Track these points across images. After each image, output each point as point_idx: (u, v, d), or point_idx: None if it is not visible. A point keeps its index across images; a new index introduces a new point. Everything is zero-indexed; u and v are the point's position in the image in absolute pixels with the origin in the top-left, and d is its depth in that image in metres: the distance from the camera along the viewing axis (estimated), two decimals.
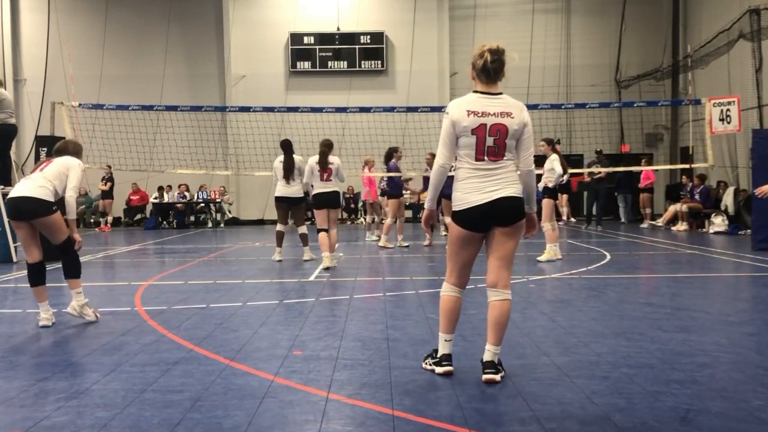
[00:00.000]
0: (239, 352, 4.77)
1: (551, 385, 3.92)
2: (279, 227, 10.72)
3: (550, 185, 10.43)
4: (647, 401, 3.61)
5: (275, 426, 3.33)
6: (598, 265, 9.81)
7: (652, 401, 3.61)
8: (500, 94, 4.04)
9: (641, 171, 18.14)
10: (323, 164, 9.69)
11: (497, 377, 3.96)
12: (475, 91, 4.04)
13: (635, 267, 10.05)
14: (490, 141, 3.94)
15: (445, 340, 4.18)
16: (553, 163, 10.37)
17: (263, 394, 3.81)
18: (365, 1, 22.08)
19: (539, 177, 10.88)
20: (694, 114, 18.42)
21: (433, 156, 13.79)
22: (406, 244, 12.91)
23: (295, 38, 21.86)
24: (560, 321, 5.75)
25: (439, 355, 4.20)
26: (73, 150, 6.15)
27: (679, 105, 20.04)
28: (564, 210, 20.09)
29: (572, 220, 20.01)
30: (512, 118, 3.99)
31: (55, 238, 5.85)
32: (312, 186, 9.89)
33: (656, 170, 17.56)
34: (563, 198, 20.14)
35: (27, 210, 5.68)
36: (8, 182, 11.25)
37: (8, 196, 5.84)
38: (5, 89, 12.07)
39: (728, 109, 13.32)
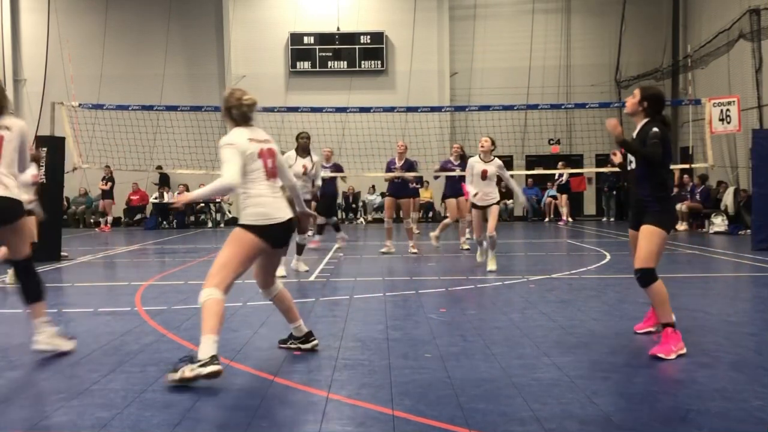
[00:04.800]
0: (239, 352, 4.77)
1: (551, 385, 3.92)
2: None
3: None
4: (647, 401, 3.61)
5: (275, 426, 3.33)
6: (598, 265, 9.81)
7: (652, 401, 3.61)
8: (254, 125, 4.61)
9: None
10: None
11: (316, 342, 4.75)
12: (239, 126, 4.50)
13: None
14: (269, 163, 4.47)
15: (215, 341, 4.04)
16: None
17: (263, 394, 3.81)
18: (365, 1, 22.08)
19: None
20: (694, 114, 18.41)
21: (460, 148, 12.57)
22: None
23: (295, 38, 21.86)
24: (560, 321, 5.75)
25: (209, 356, 3.96)
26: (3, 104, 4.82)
27: (679, 105, 20.03)
28: (564, 210, 20.12)
29: (570, 220, 20.02)
30: (272, 144, 4.57)
31: (20, 248, 4.68)
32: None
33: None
34: (563, 198, 20.21)
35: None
36: None
37: None
38: (5, 89, 12.07)
39: (728, 109, 13.30)
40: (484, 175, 9.17)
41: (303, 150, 9.19)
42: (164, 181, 21.68)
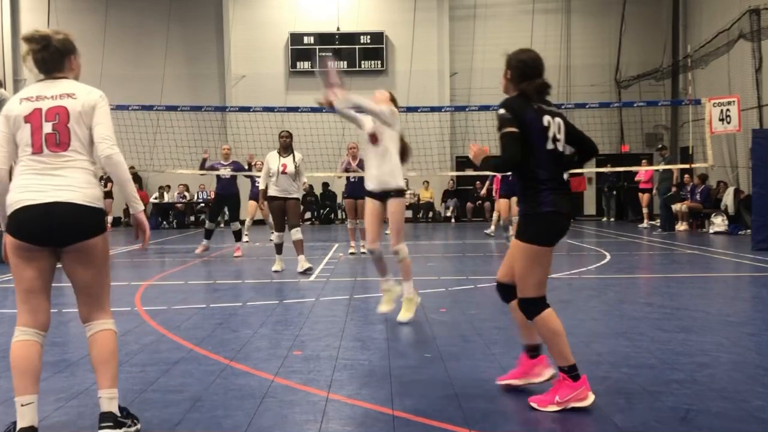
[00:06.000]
0: (239, 352, 4.76)
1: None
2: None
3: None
4: (647, 401, 3.61)
5: (275, 426, 3.33)
6: (598, 265, 9.81)
7: (652, 401, 3.61)
8: (65, 78, 3.31)
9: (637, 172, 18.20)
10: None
11: None
12: (39, 81, 3.29)
13: (635, 267, 10.05)
14: (48, 127, 3.10)
15: (22, 405, 2.97)
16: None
17: (263, 394, 3.81)
18: (365, 1, 22.08)
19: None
20: (694, 114, 18.41)
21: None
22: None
23: (295, 38, 21.87)
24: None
25: (13, 425, 3.03)
26: None
27: (679, 105, 20.04)
28: None
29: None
30: (75, 98, 3.19)
31: None
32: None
33: (657, 170, 17.56)
34: None
35: None
36: None
37: None
38: (5, 89, 12.06)
39: (728, 109, 13.32)
40: (374, 141, 5.97)
41: (284, 149, 9.29)
42: (137, 182, 21.64)
